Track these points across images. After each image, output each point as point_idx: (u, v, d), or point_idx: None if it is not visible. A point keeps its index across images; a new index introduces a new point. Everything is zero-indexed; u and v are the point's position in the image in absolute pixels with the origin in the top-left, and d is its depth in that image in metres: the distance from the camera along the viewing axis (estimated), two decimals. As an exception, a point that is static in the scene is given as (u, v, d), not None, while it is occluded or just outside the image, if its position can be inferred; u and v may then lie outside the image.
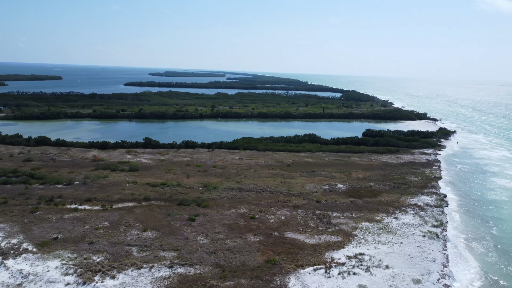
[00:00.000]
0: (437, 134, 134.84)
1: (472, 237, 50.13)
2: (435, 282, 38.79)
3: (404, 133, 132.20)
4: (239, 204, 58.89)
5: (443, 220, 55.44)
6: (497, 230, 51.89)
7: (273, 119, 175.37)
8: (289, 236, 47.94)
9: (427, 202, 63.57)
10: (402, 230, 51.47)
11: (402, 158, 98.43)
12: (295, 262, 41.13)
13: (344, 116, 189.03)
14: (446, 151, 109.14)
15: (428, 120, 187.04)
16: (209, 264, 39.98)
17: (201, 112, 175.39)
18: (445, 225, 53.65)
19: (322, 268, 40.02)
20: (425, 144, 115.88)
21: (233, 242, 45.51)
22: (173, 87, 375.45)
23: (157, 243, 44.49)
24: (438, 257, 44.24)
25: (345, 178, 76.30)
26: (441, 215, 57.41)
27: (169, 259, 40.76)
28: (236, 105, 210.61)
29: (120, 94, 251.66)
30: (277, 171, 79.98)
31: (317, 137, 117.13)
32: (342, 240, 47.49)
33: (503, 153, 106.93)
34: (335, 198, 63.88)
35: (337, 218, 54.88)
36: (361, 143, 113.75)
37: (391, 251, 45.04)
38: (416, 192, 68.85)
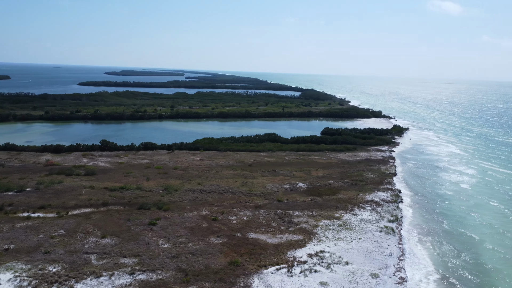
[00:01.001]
0: (391, 131, 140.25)
1: (425, 231, 52.72)
2: (391, 276, 40.51)
3: (361, 131, 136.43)
4: (201, 206, 58.57)
5: (398, 215, 57.90)
6: (447, 224, 54.88)
7: (233, 118, 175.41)
8: (251, 237, 48.29)
9: (383, 198, 66.10)
10: (360, 226, 53.24)
11: (359, 155, 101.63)
12: (258, 262, 41.54)
13: (303, 115, 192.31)
14: (400, 148, 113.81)
15: (383, 117, 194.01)
16: (172, 269, 39.53)
17: (160, 113, 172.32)
18: (400, 220, 56.07)
19: (284, 267, 40.69)
20: (380, 141, 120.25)
21: (195, 245, 45.24)
22: (130, 87, 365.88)
23: (117, 250, 43.40)
24: (394, 251, 46.19)
25: (305, 177, 77.75)
26: (396, 210, 59.92)
27: (130, 266, 39.91)
28: (196, 105, 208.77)
29: (74, 94, 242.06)
30: (239, 172, 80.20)
31: (278, 136, 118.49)
32: (303, 238, 48.45)
33: (451, 149, 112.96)
34: (296, 197, 65.00)
35: (298, 216, 55.90)
36: (320, 141, 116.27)
37: (350, 247, 46.51)
38: (372, 188, 71.38)
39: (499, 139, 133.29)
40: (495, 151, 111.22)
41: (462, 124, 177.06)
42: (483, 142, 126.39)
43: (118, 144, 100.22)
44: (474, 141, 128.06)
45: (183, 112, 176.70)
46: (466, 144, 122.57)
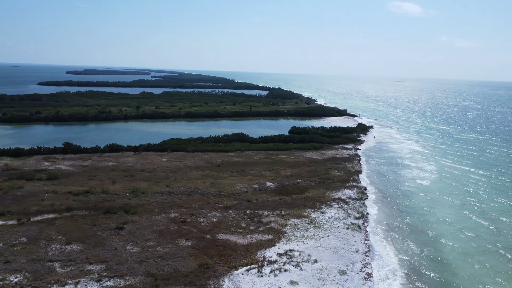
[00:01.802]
0: (356, 129, 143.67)
1: (389, 227, 54.49)
2: (358, 272, 41.66)
3: (327, 130, 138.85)
4: (170, 209, 57.93)
5: (364, 212, 59.51)
6: (410, 220, 56.96)
7: (201, 118, 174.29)
8: (221, 238, 48.28)
9: (350, 195, 67.72)
10: (328, 224, 54.34)
11: (326, 154, 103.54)
12: (228, 264, 41.61)
13: (271, 114, 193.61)
14: (364, 145, 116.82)
15: (348, 116, 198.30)
16: (140, 274, 38.93)
17: (125, 113, 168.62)
18: (366, 217, 57.67)
19: (254, 268, 40.97)
20: (346, 139, 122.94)
21: (164, 248, 44.74)
22: (94, 87, 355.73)
23: (82, 256, 42.24)
24: (361, 247, 47.50)
25: (273, 176, 78.42)
26: (362, 207, 61.56)
27: (97, 272, 38.96)
28: (162, 105, 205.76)
29: (34, 95, 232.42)
30: (207, 172, 79.86)
31: (246, 136, 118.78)
32: (273, 238, 48.93)
33: (412, 146, 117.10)
34: (265, 196, 65.48)
35: (268, 216, 56.37)
36: (288, 140, 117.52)
37: (319, 245, 47.41)
38: (339, 186, 72.95)
39: (457, 136, 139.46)
40: (452, 147, 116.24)
41: (422, 122, 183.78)
42: (442, 139, 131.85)
43: (82, 147, 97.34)
44: (433, 138, 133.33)
45: (149, 113, 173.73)
46: (426, 141, 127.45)
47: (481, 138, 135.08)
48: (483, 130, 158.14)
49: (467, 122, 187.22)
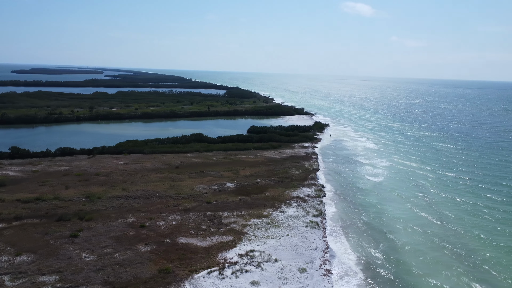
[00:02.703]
0: (313, 128, 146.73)
1: (346, 224, 56.23)
2: (318, 269, 42.69)
3: (285, 128, 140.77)
4: (127, 213, 56.49)
5: (322, 209, 60.98)
6: (365, 216, 59.04)
7: (158, 119, 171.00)
8: (181, 242, 47.75)
9: (308, 193, 69.12)
10: (287, 222, 55.18)
11: (284, 152, 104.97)
12: (189, 267, 41.24)
13: (229, 114, 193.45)
14: (321, 143, 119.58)
15: (305, 114, 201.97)
16: (97, 283, 37.71)
17: (78, 114, 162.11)
18: (324, 214, 59.12)
19: (216, 270, 40.88)
20: (303, 138, 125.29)
21: (122, 255, 43.59)
22: (43, 87, 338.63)
23: (34, 268, 40.27)
24: (320, 244, 48.67)
25: (233, 176, 78.49)
26: (320, 205, 63.05)
27: (50, 284, 37.31)
28: (117, 105, 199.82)
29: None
30: (166, 174, 78.57)
31: (204, 136, 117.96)
32: (233, 239, 49.02)
33: (366, 144, 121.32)
34: (225, 197, 65.43)
35: (228, 217, 56.38)
36: (247, 140, 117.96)
37: (279, 244, 48.07)
38: (298, 185, 74.25)
39: (407, 133, 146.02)
40: (403, 144, 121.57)
41: (375, 119, 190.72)
42: (393, 137, 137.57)
43: (31, 151, 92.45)
44: (385, 136, 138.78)
45: (103, 113, 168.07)
46: (379, 138, 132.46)
47: (429, 135, 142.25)
48: (431, 127, 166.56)
49: (416, 119, 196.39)
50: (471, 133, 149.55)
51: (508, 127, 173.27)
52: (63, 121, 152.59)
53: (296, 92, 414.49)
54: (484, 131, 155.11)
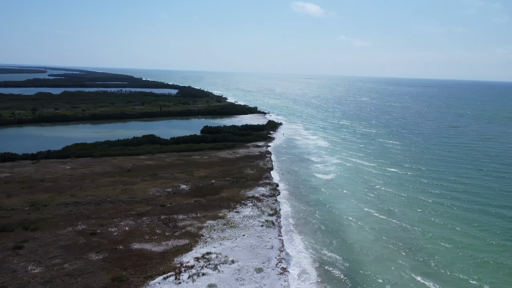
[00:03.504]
0: (266, 127, 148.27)
1: (301, 222, 57.47)
2: (274, 268, 43.34)
3: (239, 128, 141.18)
4: (76, 221, 54.21)
5: (277, 208, 61.89)
6: (319, 213, 60.64)
7: (107, 120, 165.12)
8: (135, 248, 46.59)
9: (263, 193, 69.85)
10: (243, 223, 55.48)
11: (238, 152, 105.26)
12: (144, 274, 40.35)
13: (182, 114, 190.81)
14: (275, 142, 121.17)
15: (259, 113, 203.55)
16: (46, 296, 35.95)
17: (19, 117, 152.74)
18: (278, 213, 60.04)
19: (172, 275, 40.32)
20: (257, 137, 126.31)
21: (72, 265, 41.80)
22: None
23: (-26, 284, 37.66)
24: (275, 243, 49.41)
25: (187, 178, 77.62)
26: (275, 204, 63.96)
27: (-6, 300, 35.10)
28: (63, 107, 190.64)
29: None
30: (117, 178, 76.18)
31: (157, 137, 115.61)
32: (189, 242, 48.56)
33: (318, 142, 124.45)
34: (180, 200, 64.59)
35: (183, 220, 55.74)
36: (201, 140, 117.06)
37: (235, 245, 48.25)
38: (253, 184, 74.80)
39: (357, 130, 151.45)
40: (353, 142, 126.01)
41: (326, 117, 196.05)
42: (344, 134, 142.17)
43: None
44: (336, 133, 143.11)
45: (48, 115, 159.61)
46: (330, 136, 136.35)
47: (377, 132, 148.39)
48: (378, 124, 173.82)
49: (365, 116, 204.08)
50: (415, 129, 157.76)
51: (448, 123, 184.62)
52: (3, 124, 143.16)
53: (249, 91, 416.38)
54: (427, 127, 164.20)
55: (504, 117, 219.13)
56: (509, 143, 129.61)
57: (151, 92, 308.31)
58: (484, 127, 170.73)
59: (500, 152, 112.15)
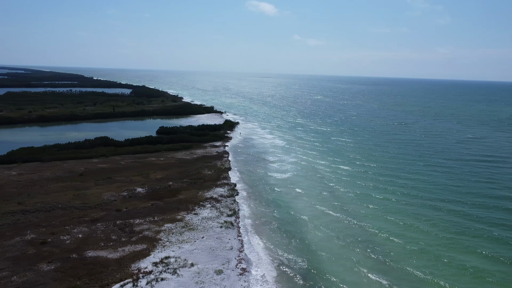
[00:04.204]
0: (223, 126, 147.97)
1: (260, 221, 58.00)
2: (234, 269, 43.50)
3: (196, 128, 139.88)
4: (25, 230, 51.51)
5: (235, 209, 62.07)
6: (277, 212, 61.49)
7: (57, 122, 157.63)
8: (90, 255, 45.02)
9: (221, 193, 69.76)
10: (202, 225, 55.17)
11: (196, 153, 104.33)
12: (99, 282, 39.11)
13: (137, 114, 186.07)
14: (232, 142, 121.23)
15: (215, 113, 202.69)
16: (-7, 312, 33.99)
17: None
18: (237, 213, 60.24)
19: (129, 282, 39.39)
20: (214, 137, 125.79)
21: (21, 277, 39.73)
22: None
23: None
24: (235, 244, 49.57)
25: (144, 181, 75.96)
26: (234, 204, 64.11)
27: None
28: (7, 108, 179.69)
29: None
30: (68, 183, 73.12)
31: (110, 139, 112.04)
32: (147, 247, 47.62)
33: (274, 141, 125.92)
34: (136, 203, 63.10)
35: (140, 224, 54.54)
36: (157, 141, 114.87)
37: (194, 247, 47.91)
38: (211, 185, 74.50)
39: (312, 128, 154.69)
40: (309, 140, 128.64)
41: (282, 116, 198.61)
42: (300, 133, 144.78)
43: None
44: (292, 132, 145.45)
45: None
46: (287, 135, 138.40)
47: (331, 130, 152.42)
48: (332, 122, 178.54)
49: (319, 115, 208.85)
50: (367, 126, 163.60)
51: (397, 120, 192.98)
52: None
53: (206, 90, 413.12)
54: (378, 125, 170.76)
55: (448, 114, 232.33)
56: (453, 138, 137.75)
57: (103, 92, 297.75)
58: (431, 124, 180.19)
59: (446, 147, 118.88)
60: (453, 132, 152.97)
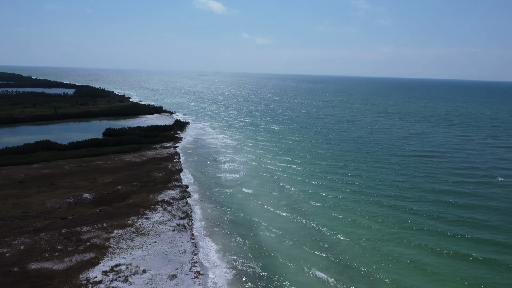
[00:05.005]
0: (174, 127, 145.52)
1: (213, 223, 57.76)
2: (188, 272, 43.06)
3: (145, 129, 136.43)
4: (-41, 244, 47.73)
5: (188, 211, 61.37)
6: (230, 213, 61.52)
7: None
8: (33, 268, 42.60)
9: (173, 196, 68.68)
10: (154, 229, 54.04)
11: (145, 155, 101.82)
12: (45, 296, 37.16)
13: (81, 116, 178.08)
14: (183, 143, 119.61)
15: (165, 113, 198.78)
16: None
17: None
18: (190, 216, 59.62)
19: (78, 294, 37.79)
20: (164, 138, 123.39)
21: (-44, 296, 36.85)
22: None
23: None
24: (188, 247, 49.06)
25: (90, 186, 72.99)
26: (186, 206, 63.36)
27: None
28: None
29: None
30: (7, 191, 68.57)
31: (53, 142, 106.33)
32: (96, 255, 45.87)
33: (225, 140, 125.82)
34: (83, 210, 60.52)
35: (88, 232, 52.40)
36: (104, 144, 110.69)
37: (146, 253, 46.83)
38: (162, 188, 73.10)
39: (263, 128, 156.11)
40: (260, 139, 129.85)
41: (233, 115, 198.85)
42: (251, 132, 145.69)
43: None
44: (243, 131, 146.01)
45: None
46: (238, 134, 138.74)
47: (282, 128, 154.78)
48: (283, 120, 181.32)
49: (270, 113, 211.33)
50: (316, 124, 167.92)
51: (344, 117, 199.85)
52: None
53: (155, 90, 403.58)
54: (326, 122, 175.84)
55: (392, 111, 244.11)
56: (397, 134, 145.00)
57: (44, 92, 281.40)
58: (376, 120, 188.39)
59: (390, 143, 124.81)
60: (396, 129, 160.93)
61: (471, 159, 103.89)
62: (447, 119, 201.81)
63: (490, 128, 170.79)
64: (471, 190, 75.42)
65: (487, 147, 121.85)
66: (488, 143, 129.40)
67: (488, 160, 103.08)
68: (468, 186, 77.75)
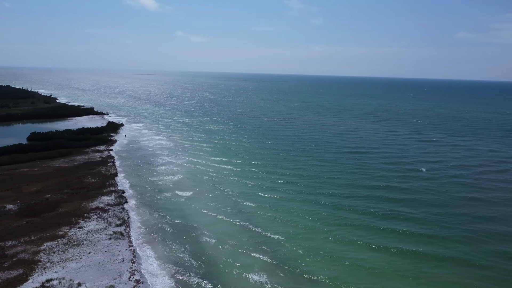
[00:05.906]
0: (107, 129, 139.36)
1: (152, 229, 56.27)
2: (127, 282, 41.65)
3: (75, 132, 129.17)
4: None
5: (125, 217, 59.23)
6: (170, 218, 60.23)
7: None
8: (-50, 291, 38.73)
9: (108, 202, 65.89)
10: (88, 239, 51.52)
11: (76, 160, 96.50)
12: (-35, 321, 33.98)
13: (1, 119, 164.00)
14: (117, 145, 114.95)
15: (96, 114, 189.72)
16: None
17: None
18: (127, 222, 57.62)
19: (4, 315, 35.02)
20: (97, 141, 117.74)
21: None
22: None
23: None
24: (126, 255, 47.42)
25: (15, 196, 67.74)
26: (123, 213, 61.09)
27: None
28: None
29: None
30: None
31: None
32: (24, 271, 42.76)
33: (162, 142, 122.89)
34: (7, 223, 56.05)
35: (14, 247, 48.66)
36: (28, 149, 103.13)
37: (81, 265, 44.56)
38: (96, 194, 69.84)
39: (200, 128, 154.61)
40: (198, 140, 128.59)
41: (169, 115, 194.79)
42: (188, 132, 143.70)
43: None
44: (180, 132, 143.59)
45: None
46: (174, 135, 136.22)
47: (220, 128, 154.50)
48: (220, 120, 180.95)
49: (207, 113, 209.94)
50: (253, 123, 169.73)
51: (281, 116, 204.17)
52: None
53: (85, 90, 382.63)
54: (263, 121, 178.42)
55: (326, 108, 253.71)
56: (331, 131, 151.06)
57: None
58: (311, 118, 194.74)
59: (325, 140, 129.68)
60: (330, 126, 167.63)
61: (398, 153, 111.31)
62: (376, 115, 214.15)
63: (415, 123, 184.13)
64: (399, 183, 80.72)
65: (412, 141, 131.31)
66: (413, 138, 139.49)
67: (413, 154, 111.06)
68: (396, 180, 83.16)
